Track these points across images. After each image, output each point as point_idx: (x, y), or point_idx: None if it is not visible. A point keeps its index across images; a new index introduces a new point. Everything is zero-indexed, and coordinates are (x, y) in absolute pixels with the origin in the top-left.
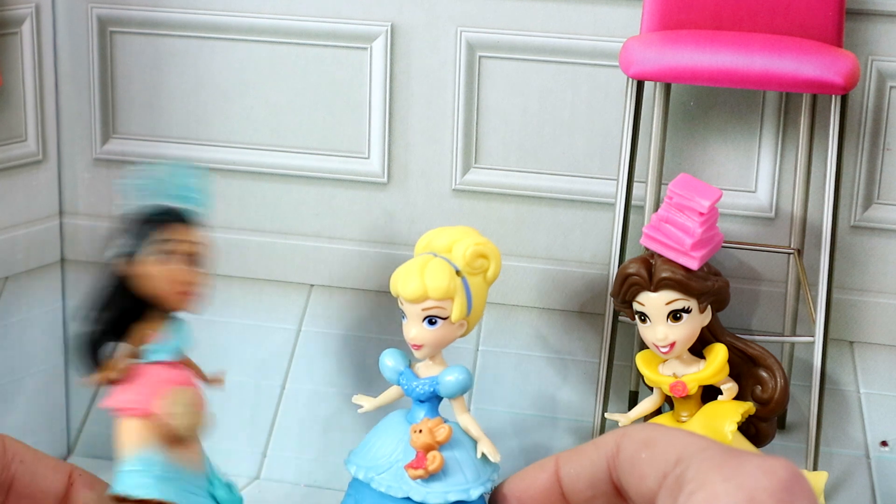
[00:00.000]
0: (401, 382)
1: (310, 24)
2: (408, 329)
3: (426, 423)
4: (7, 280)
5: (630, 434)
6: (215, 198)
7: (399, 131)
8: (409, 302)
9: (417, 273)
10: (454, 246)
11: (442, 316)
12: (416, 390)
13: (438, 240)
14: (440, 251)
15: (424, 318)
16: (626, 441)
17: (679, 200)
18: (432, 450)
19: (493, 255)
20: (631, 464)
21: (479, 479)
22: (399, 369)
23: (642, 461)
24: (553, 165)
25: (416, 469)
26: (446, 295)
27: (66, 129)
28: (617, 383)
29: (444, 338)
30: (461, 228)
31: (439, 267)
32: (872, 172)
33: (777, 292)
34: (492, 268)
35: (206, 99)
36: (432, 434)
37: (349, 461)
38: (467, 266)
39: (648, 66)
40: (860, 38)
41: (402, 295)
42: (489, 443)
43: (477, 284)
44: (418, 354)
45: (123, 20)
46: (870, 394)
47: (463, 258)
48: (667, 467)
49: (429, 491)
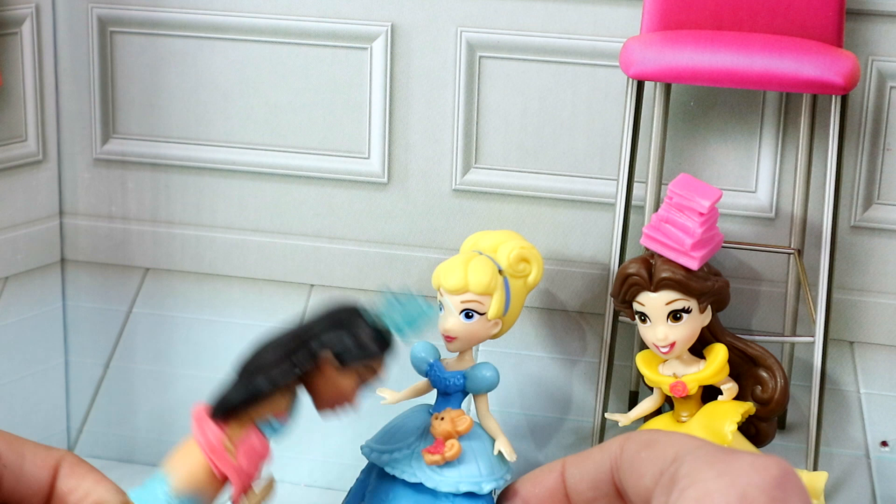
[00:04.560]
0: (429, 373)
1: (310, 24)
2: (444, 320)
3: (449, 413)
4: (7, 280)
5: (633, 437)
6: (224, 203)
7: (399, 131)
8: (450, 293)
9: (461, 266)
10: (500, 247)
11: (479, 311)
12: (444, 382)
13: (484, 241)
14: (485, 251)
15: (462, 310)
16: (629, 443)
17: (679, 200)
18: (452, 438)
19: (536, 261)
20: (631, 463)
21: (492, 474)
22: (429, 360)
23: (642, 460)
24: (553, 165)
25: (434, 454)
26: (486, 290)
27: (66, 129)
28: (617, 383)
29: (477, 333)
30: (507, 232)
31: (483, 263)
32: (872, 173)
33: (777, 292)
34: (533, 273)
35: (206, 99)
36: (454, 423)
37: (365, 445)
38: (510, 267)
39: (648, 66)
40: (860, 39)
41: (443, 285)
42: (507, 442)
43: (517, 287)
44: (450, 347)
45: (123, 20)
46: (870, 394)
47: (507, 259)
48: (664, 465)
49: (441, 479)
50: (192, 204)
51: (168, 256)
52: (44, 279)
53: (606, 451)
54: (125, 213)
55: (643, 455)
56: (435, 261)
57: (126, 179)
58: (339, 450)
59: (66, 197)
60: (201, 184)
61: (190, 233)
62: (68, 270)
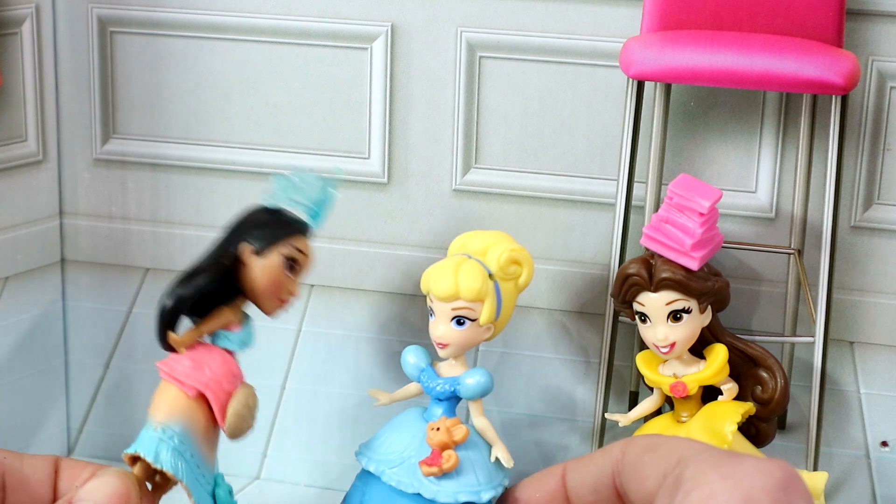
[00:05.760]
0: (421, 379)
1: (310, 24)
2: (435, 327)
3: (444, 422)
4: (7, 280)
5: (635, 441)
6: (225, 203)
7: (399, 131)
8: (440, 300)
9: (451, 272)
10: (489, 250)
11: (471, 317)
12: (437, 389)
13: (473, 243)
14: (475, 254)
15: (453, 317)
16: (631, 447)
17: (679, 201)
18: (448, 448)
19: (527, 263)
20: (633, 467)
21: (490, 482)
22: (420, 366)
23: (645, 464)
24: (553, 165)
25: (431, 466)
26: (477, 297)
27: (66, 129)
28: (617, 383)
29: (469, 339)
30: (496, 233)
31: (473, 268)
32: (873, 173)
33: (777, 292)
34: (524, 275)
35: (206, 99)
36: (450, 433)
37: (360, 453)
38: (500, 271)
39: (648, 66)
40: (860, 39)
41: (433, 292)
42: (504, 448)
43: (508, 290)
44: (442, 354)
45: (123, 20)
46: (870, 394)
47: (497, 263)
48: (668, 468)
49: (439, 489)
50: (192, 204)
51: (168, 256)
52: (44, 279)
53: (608, 456)
54: (125, 213)
55: (646, 459)
56: (435, 261)
57: (126, 179)
58: (339, 450)
59: (66, 197)
60: (201, 184)
61: (190, 233)
62: (68, 270)
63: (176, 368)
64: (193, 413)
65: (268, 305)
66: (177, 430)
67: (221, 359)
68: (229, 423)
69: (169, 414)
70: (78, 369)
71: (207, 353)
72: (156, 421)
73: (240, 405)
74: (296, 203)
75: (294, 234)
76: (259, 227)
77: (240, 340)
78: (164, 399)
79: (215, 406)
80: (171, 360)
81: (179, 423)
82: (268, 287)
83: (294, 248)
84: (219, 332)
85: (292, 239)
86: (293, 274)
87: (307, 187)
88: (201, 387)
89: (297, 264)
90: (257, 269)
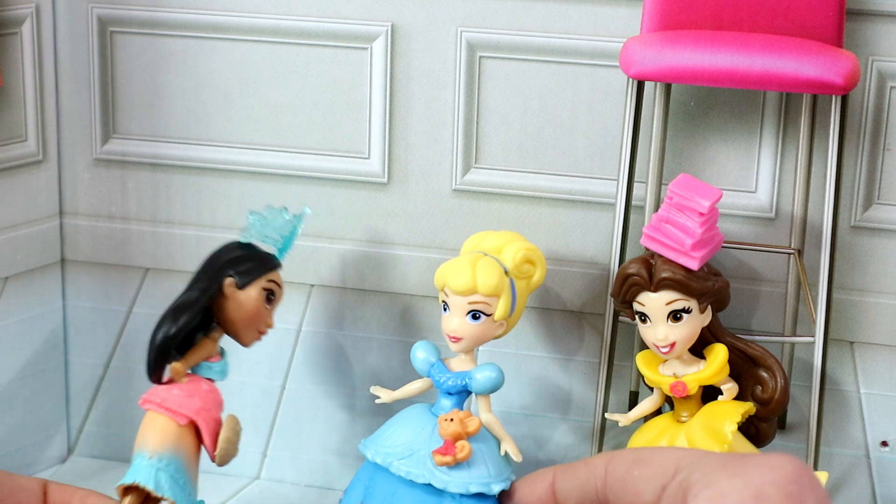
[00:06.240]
0: (431, 374)
1: (310, 24)
2: (449, 321)
3: (457, 413)
4: (7, 280)
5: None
6: (224, 203)
7: (399, 131)
8: (457, 294)
9: (469, 267)
10: (504, 248)
11: (486, 312)
12: (448, 383)
13: (487, 241)
14: (489, 252)
15: (469, 311)
16: (616, 463)
17: (679, 200)
18: (462, 439)
19: (540, 262)
20: (623, 483)
21: (500, 475)
22: (431, 360)
23: (635, 479)
24: (553, 165)
25: (445, 455)
26: (494, 292)
27: (66, 129)
28: (617, 383)
29: (483, 334)
30: (510, 233)
31: (490, 264)
32: (873, 173)
33: (777, 292)
34: (537, 274)
35: (206, 99)
36: (463, 424)
37: (366, 446)
38: (516, 269)
39: (648, 66)
40: (860, 39)
41: (450, 286)
42: (512, 442)
43: (521, 288)
44: (454, 348)
45: (123, 20)
46: (870, 394)
47: (513, 261)
48: (665, 479)
49: (451, 479)
50: (192, 204)
51: (168, 256)
52: (44, 279)
53: (591, 472)
54: (125, 213)
55: (636, 474)
56: (435, 261)
57: (126, 179)
58: (339, 450)
59: (66, 197)
60: (201, 184)
61: (190, 233)
62: (68, 270)
63: (168, 399)
64: (183, 441)
65: (246, 336)
66: (171, 459)
67: (208, 388)
68: (220, 450)
69: (162, 443)
70: (78, 369)
71: (195, 384)
72: (149, 450)
73: (231, 432)
74: (266, 238)
75: (272, 269)
76: (241, 262)
77: (220, 370)
78: (153, 429)
79: (206, 433)
80: (160, 391)
81: (172, 451)
82: (249, 318)
83: (272, 282)
84: (201, 364)
85: (270, 273)
86: (270, 305)
87: (277, 223)
88: (193, 415)
89: (274, 296)
90: (240, 301)
